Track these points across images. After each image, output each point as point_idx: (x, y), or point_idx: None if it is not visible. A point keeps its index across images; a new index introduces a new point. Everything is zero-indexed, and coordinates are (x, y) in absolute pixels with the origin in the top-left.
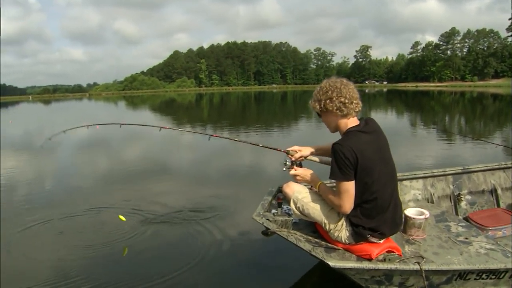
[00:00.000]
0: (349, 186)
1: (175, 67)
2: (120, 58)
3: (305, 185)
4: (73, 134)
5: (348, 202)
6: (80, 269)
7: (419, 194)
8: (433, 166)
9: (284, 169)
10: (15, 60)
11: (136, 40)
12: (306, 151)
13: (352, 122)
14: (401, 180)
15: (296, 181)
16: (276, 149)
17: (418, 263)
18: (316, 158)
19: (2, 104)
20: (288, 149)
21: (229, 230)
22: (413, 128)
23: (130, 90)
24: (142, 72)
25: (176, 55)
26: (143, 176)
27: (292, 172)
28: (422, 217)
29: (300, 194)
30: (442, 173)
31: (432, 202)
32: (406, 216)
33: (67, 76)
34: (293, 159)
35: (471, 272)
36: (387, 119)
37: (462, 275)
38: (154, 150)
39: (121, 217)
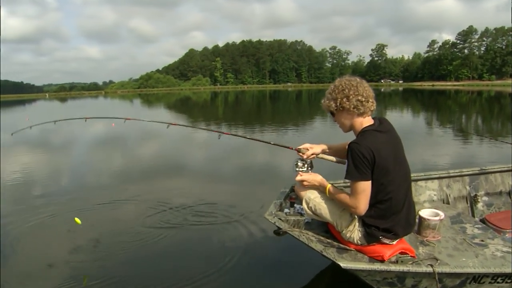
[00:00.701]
0: (366, 186)
1: (190, 66)
2: (135, 56)
3: None
4: (89, 131)
5: (363, 203)
6: (96, 270)
7: (435, 194)
8: (449, 167)
9: (297, 169)
10: (32, 59)
11: (151, 38)
12: (317, 149)
13: (367, 121)
14: (416, 180)
15: (303, 186)
16: (287, 147)
17: (431, 266)
18: (327, 157)
19: (20, 102)
20: (299, 147)
21: (242, 229)
22: (429, 127)
23: (146, 88)
24: (158, 70)
25: (191, 53)
26: (154, 175)
27: (298, 178)
28: (437, 218)
29: (312, 194)
30: (459, 173)
31: (448, 203)
32: (420, 217)
33: (83, 74)
34: (304, 156)
35: (486, 275)
36: (403, 118)
37: (477, 278)
38: (167, 149)
39: (76, 220)
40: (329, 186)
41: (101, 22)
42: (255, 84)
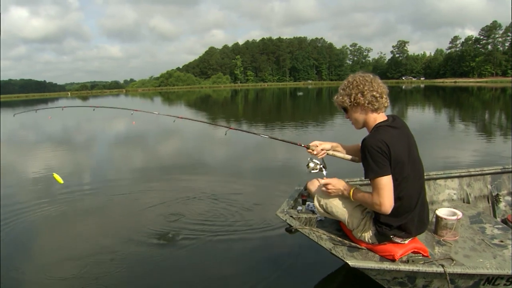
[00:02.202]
0: (388, 181)
1: (210, 63)
2: (156, 54)
3: None
4: (106, 130)
5: (388, 199)
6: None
7: (454, 193)
8: (470, 165)
9: (309, 170)
10: (55, 58)
11: (171, 36)
12: (327, 145)
13: (381, 117)
14: (436, 179)
15: (327, 191)
16: (296, 144)
17: (442, 266)
18: (339, 154)
19: (43, 101)
20: (308, 144)
21: (254, 226)
22: (451, 124)
23: (166, 86)
24: (178, 68)
25: (211, 51)
26: (161, 172)
27: (323, 181)
28: (454, 217)
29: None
30: (480, 172)
31: (468, 202)
32: (437, 217)
33: (104, 72)
34: (314, 153)
35: (500, 277)
36: (424, 115)
37: (491, 280)
38: (183, 147)
39: (56, 177)
40: (353, 188)
41: (122, 21)
42: (275, 82)
